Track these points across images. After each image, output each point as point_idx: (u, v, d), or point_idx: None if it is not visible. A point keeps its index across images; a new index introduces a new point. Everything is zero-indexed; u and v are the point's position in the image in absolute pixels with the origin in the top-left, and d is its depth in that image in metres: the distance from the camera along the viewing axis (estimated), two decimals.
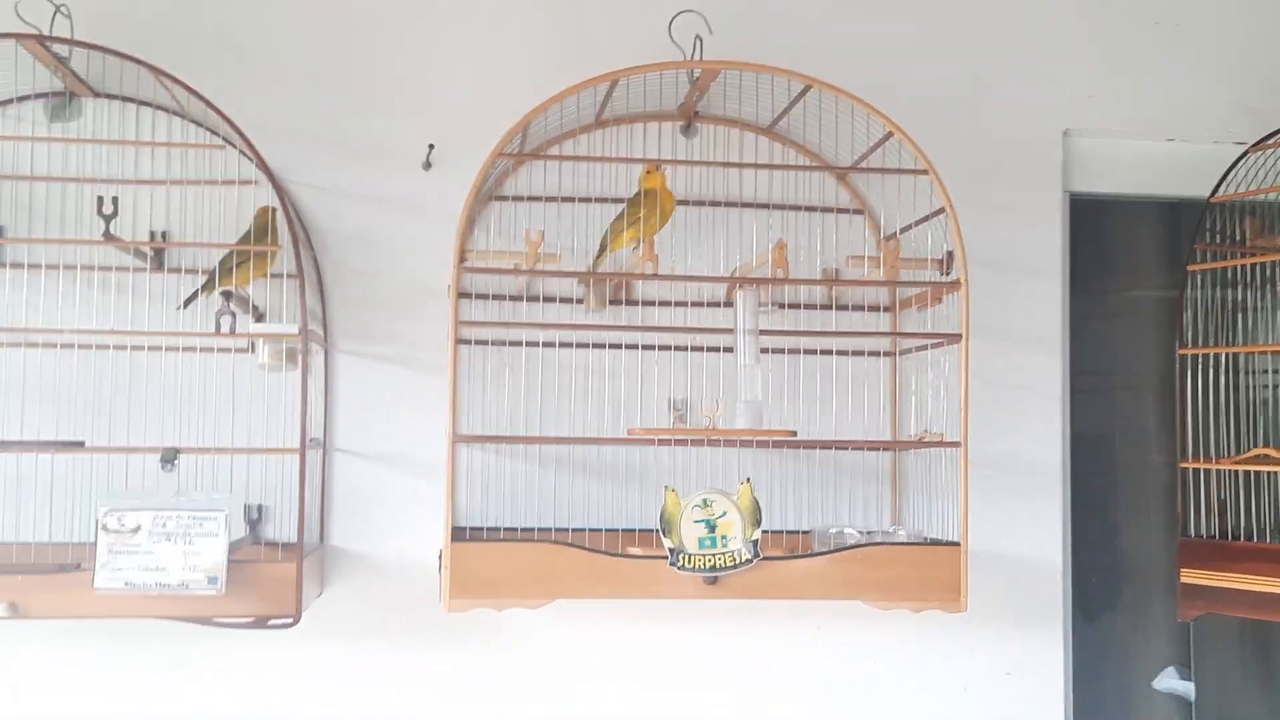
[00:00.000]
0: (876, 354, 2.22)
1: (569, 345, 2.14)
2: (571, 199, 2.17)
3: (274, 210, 1.91)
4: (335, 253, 2.16)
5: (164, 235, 2.09)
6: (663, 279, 2.00)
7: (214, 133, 2.04)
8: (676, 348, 2.13)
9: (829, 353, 2.17)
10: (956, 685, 2.24)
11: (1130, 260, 2.54)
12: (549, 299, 2.19)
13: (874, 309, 2.25)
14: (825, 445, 2.09)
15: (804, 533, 2.10)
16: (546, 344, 2.14)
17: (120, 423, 1.99)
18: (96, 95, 2.08)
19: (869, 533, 2.04)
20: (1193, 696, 2.46)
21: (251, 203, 1.99)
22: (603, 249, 2.05)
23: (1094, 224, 2.44)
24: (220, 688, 2.07)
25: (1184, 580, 2.10)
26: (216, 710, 2.08)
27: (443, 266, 1.94)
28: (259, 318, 2.04)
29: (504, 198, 2.19)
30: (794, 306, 2.22)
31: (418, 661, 2.11)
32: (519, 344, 2.13)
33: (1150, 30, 2.38)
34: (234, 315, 1.84)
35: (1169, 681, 2.48)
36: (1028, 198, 2.33)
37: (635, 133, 2.22)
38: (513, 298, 2.17)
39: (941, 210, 1.97)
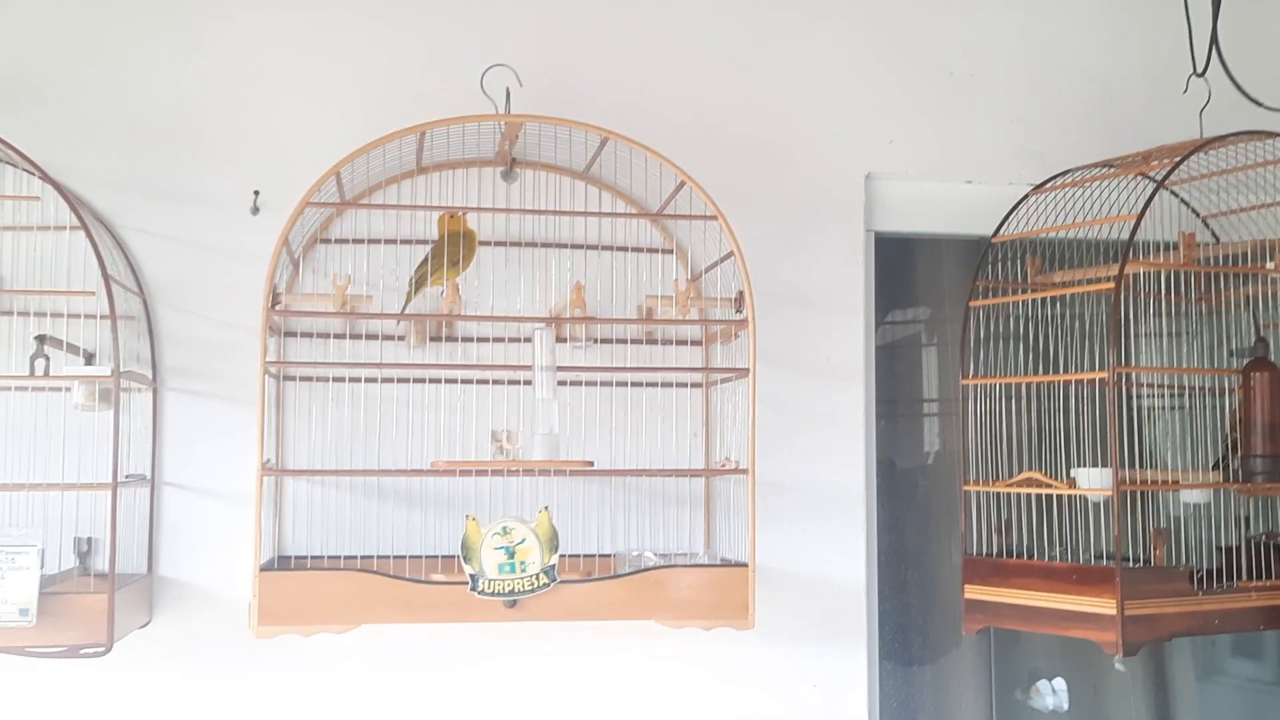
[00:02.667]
0: (689, 385, 2.36)
1: (390, 380, 2.25)
2: (395, 241, 2.28)
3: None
4: (164, 295, 2.25)
5: None
6: (465, 319, 2.12)
7: (38, 179, 2.13)
8: (483, 382, 2.24)
9: (644, 385, 2.31)
10: (764, 698, 2.37)
11: (933, 294, 2.69)
12: (372, 336, 2.30)
13: (685, 343, 2.38)
14: (621, 474, 2.22)
15: (605, 556, 2.21)
16: (369, 379, 2.24)
17: None
18: None
19: (666, 555, 2.16)
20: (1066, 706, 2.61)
21: (83, 246, 2.07)
22: (413, 290, 2.17)
23: (898, 260, 2.59)
24: (40, 717, 2.15)
25: (966, 596, 2.24)
26: None
27: None
28: (87, 360, 2.14)
29: (329, 240, 2.30)
30: (609, 341, 2.35)
31: (231, 686, 2.20)
32: (342, 380, 2.23)
33: (946, 80, 2.55)
34: (48, 358, 1.93)
35: (1044, 699, 2.62)
36: (833, 237, 2.47)
37: (457, 178, 2.34)
38: (337, 336, 2.27)
39: (731, 254, 2.11)
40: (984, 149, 2.55)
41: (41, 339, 1.95)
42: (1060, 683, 2.62)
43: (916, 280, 2.69)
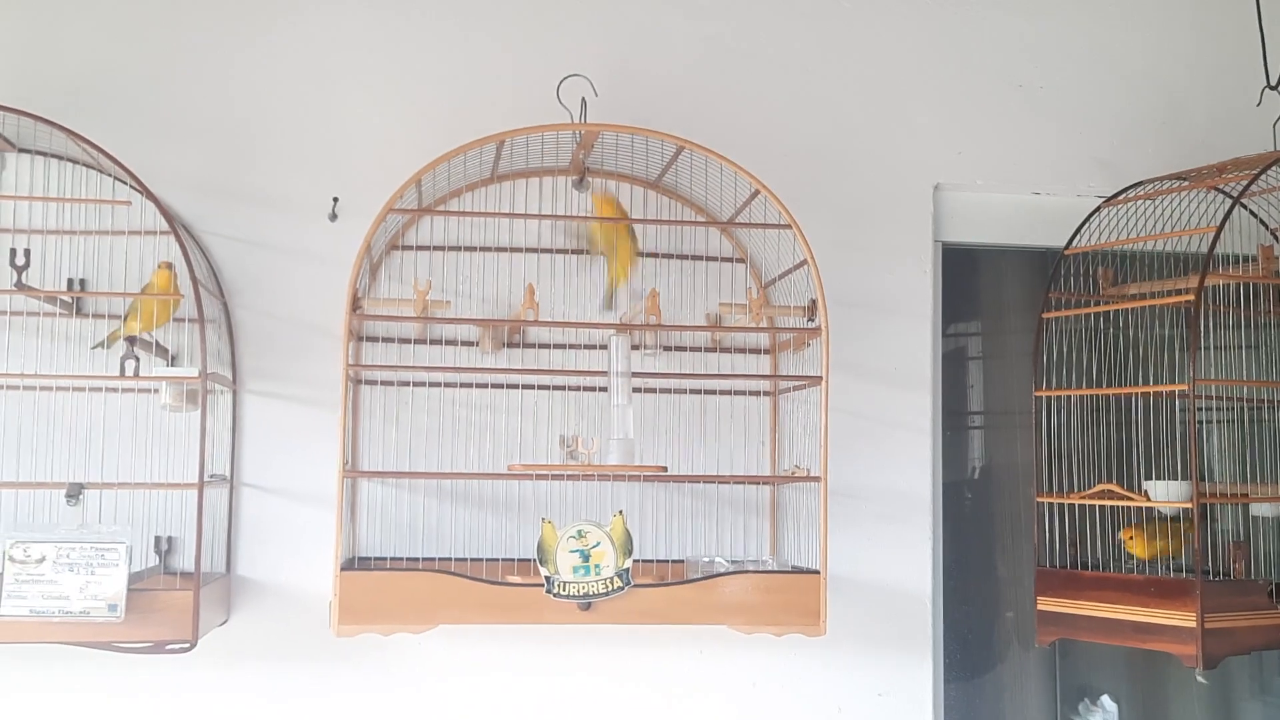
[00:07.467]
0: (758, 394, 2.37)
1: (466, 386, 2.28)
2: (473, 248, 2.31)
3: (172, 267, 2.05)
4: (245, 298, 2.29)
5: (82, 282, 2.22)
6: (540, 324, 2.14)
7: (129, 186, 2.17)
8: (558, 388, 2.27)
9: (713, 392, 2.32)
10: (830, 705, 2.37)
11: (1001, 305, 2.69)
12: (450, 342, 2.33)
13: (755, 351, 2.40)
14: (694, 480, 2.24)
15: (675, 562, 2.23)
16: (447, 385, 2.27)
17: (30, 460, 2.12)
18: (20, 151, 2.22)
19: (737, 561, 2.18)
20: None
21: (166, 251, 2.12)
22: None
23: (966, 271, 2.60)
24: (123, 712, 2.18)
25: (1040, 607, 2.23)
26: None
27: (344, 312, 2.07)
28: (170, 361, 2.18)
29: (409, 247, 2.33)
30: (681, 349, 2.36)
31: (310, 684, 2.23)
32: (420, 384, 2.26)
33: (1014, 92, 2.55)
34: (138, 359, 1.96)
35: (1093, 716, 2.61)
36: (901, 247, 2.48)
37: (531, 186, 2.37)
38: (417, 340, 2.30)
39: (804, 262, 2.12)
40: (1052, 160, 2.55)
41: (132, 340, 1.98)
42: (1108, 700, 2.60)
43: (980, 291, 2.69)
